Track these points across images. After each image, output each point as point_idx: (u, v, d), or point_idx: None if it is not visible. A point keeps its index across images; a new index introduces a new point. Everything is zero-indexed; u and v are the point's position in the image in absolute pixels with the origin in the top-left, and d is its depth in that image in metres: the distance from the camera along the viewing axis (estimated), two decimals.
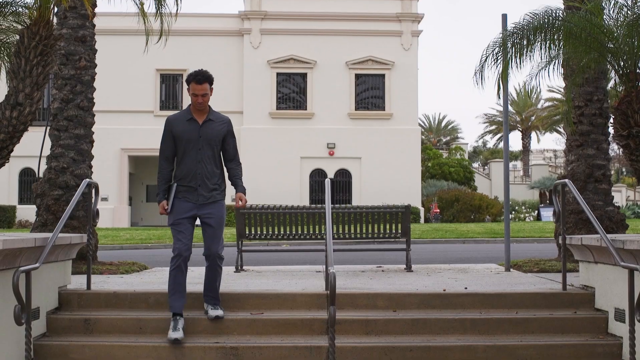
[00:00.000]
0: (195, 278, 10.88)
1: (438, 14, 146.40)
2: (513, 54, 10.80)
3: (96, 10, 13.22)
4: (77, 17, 13.07)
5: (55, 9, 11.83)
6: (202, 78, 7.76)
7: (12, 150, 9.96)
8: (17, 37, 10.42)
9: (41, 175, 12.92)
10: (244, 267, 12.87)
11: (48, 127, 13.10)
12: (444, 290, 8.88)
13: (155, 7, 12.40)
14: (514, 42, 10.81)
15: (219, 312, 7.97)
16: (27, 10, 10.19)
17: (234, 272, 12.22)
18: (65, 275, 8.72)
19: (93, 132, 13.17)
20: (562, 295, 8.58)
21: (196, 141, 7.87)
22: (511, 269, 12.31)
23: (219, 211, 7.97)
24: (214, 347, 7.53)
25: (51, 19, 10.02)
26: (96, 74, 13.36)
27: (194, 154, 7.86)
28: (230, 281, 10.51)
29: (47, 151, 13.13)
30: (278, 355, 7.51)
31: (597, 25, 10.32)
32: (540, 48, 10.79)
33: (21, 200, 40.42)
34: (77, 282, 9.34)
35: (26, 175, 40.27)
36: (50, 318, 8.04)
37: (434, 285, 9.63)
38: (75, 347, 7.61)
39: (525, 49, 10.74)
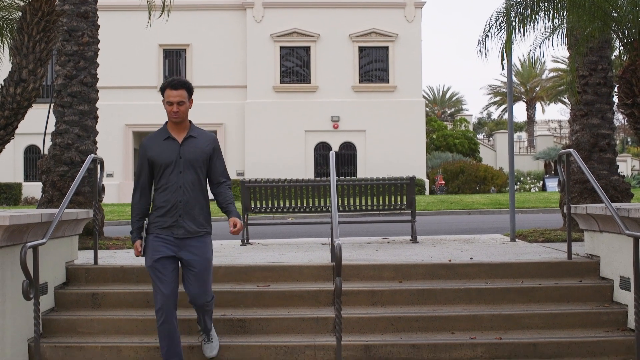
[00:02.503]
0: None
1: None
2: (516, 23, 10.76)
3: None
4: None
5: None
6: (177, 83, 6.51)
7: (16, 127, 10.00)
8: (20, 13, 10.41)
9: (46, 152, 12.95)
10: (250, 241, 12.91)
11: (52, 104, 13.12)
12: (450, 260, 8.91)
13: None
14: (518, 12, 10.77)
15: (214, 353, 7.12)
16: None
17: (240, 245, 12.25)
18: (72, 251, 8.76)
19: (97, 108, 13.18)
20: (567, 265, 8.60)
21: (176, 163, 6.53)
22: (516, 239, 12.33)
23: (205, 250, 6.57)
24: (221, 319, 7.57)
25: None
26: (99, 49, 13.35)
27: (174, 178, 6.51)
28: (237, 254, 10.54)
29: (51, 128, 13.15)
30: (285, 326, 7.56)
31: None
32: (544, 17, 10.76)
33: (27, 178, 40.49)
34: (84, 258, 9.38)
35: (31, 153, 40.31)
36: (58, 293, 8.09)
37: (439, 256, 9.65)
38: (84, 321, 7.66)
39: (529, 19, 10.70)
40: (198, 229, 6.55)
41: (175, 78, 6.66)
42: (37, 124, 24.52)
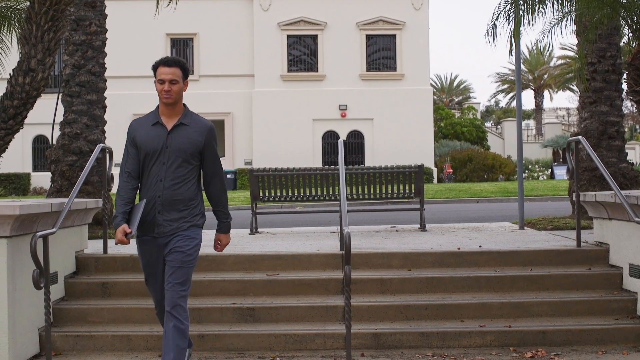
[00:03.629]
0: (211, 241, 10.96)
1: None
2: (525, 10, 10.74)
3: None
4: None
5: None
6: (171, 60, 5.82)
7: (25, 117, 10.04)
8: (28, 3, 10.42)
9: (55, 141, 12.98)
10: (259, 229, 12.93)
11: (60, 94, 13.13)
12: (459, 248, 8.91)
13: None
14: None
15: None
16: None
17: (249, 234, 12.28)
18: (82, 240, 8.78)
19: (105, 98, 13.18)
20: (576, 252, 8.59)
21: (161, 153, 5.80)
22: (525, 227, 12.32)
23: (187, 243, 5.77)
24: (230, 308, 7.59)
25: None
26: (107, 39, 13.34)
27: (156, 170, 5.80)
28: (245, 243, 10.56)
29: (60, 117, 13.17)
30: (294, 315, 7.57)
31: None
32: (553, 4, 10.72)
33: (35, 168, 40.59)
34: (94, 247, 9.41)
35: (40, 143, 40.39)
36: (68, 282, 8.12)
37: (448, 244, 9.66)
38: (94, 310, 7.69)
39: (538, 5, 10.67)
40: (178, 224, 5.78)
41: (169, 56, 6.16)
42: (46, 113, 24.60)
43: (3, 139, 10.08)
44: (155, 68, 5.83)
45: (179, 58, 5.92)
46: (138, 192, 5.97)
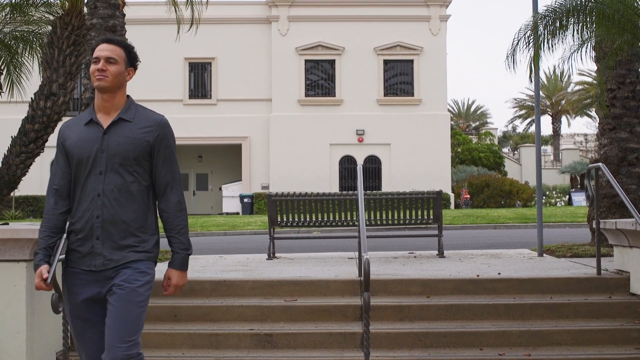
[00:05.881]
0: (229, 266, 10.96)
1: None
2: (545, 36, 10.74)
3: None
4: (107, 6, 13.14)
5: None
6: (115, 40, 4.63)
7: (46, 140, 10.08)
8: (49, 27, 10.52)
9: None
10: (276, 254, 12.91)
11: None
12: (477, 275, 8.86)
13: None
14: (546, 25, 10.74)
15: None
16: (58, 1, 10.28)
17: (267, 259, 12.25)
18: None
19: None
20: (596, 280, 8.53)
21: (95, 159, 4.46)
22: (544, 254, 12.24)
23: (137, 277, 4.40)
24: (248, 333, 7.57)
25: (82, 9, 10.12)
26: None
27: (92, 182, 4.45)
28: (263, 268, 10.54)
29: None
30: (312, 341, 7.53)
31: (630, 7, 10.24)
32: (573, 31, 10.72)
33: None
34: None
35: None
36: None
37: (467, 271, 9.60)
38: None
39: (558, 32, 10.67)
40: (126, 254, 4.44)
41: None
42: None
43: (24, 162, 10.14)
44: (93, 49, 4.59)
45: (127, 41, 4.79)
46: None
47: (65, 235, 4.51)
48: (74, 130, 4.56)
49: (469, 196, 40.76)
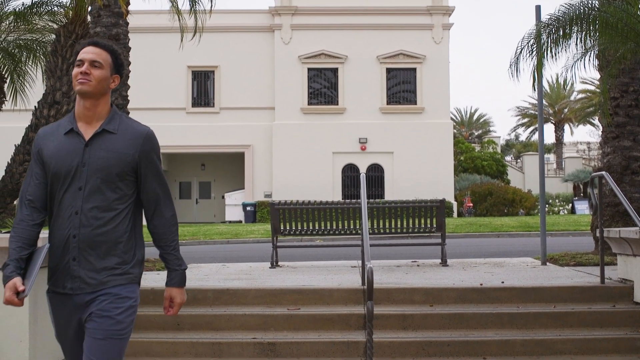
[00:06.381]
0: (232, 274, 10.95)
1: (467, 6, 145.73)
2: (548, 45, 10.74)
3: (129, 8, 13.31)
4: (110, 15, 13.14)
5: (89, 8, 11.94)
6: (101, 44, 4.22)
7: None
8: (53, 36, 10.53)
9: None
10: (279, 263, 12.90)
11: None
12: (481, 284, 8.85)
13: (190, 4, 12.47)
14: (549, 33, 10.74)
15: None
16: (62, 10, 10.30)
17: (269, 268, 12.24)
18: None
19: None
20: (600, 289, 8.51)
21: (75, 174, 4.05)
22: (547, 263, 12.22)
23: (117, 305, 4.02)
24: (251, 342, 7.55)
25: (86, 17, 10.14)
26: (130, 71, 13.44)
27: (69, 199, 4.04)
28: (266, 277, 10.53)
29: None
30: (315, 350, 7.52)
31: (633, 15, 10.24)
32: (576, 39, 10.72)
33: None
34: None
35: None
36: None
37: (470, 280, 9.59)
38: None
39: (562, 40, 10.67)
40: (104, 279, 4.03)
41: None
42: None
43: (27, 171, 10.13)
44: (78, 52, 4.18)
45: (113, 46, 4.35)
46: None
47: (48, 245, 4.12)
48: (53, 140, 4.16)
49: (471, 204, 40.72)
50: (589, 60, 11.61)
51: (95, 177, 4.03)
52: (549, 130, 69.85)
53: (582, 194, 48.75)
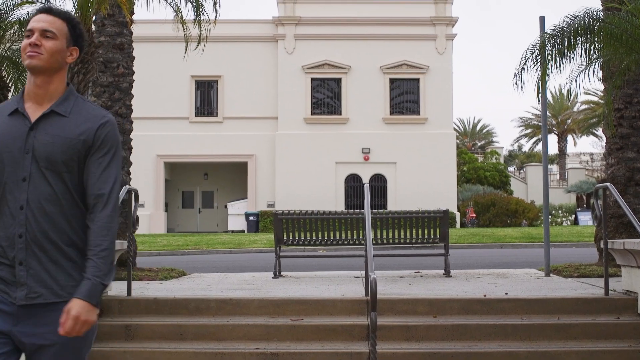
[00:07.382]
0: (235, 284, 10.93)
1: (470, 17, 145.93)
2: (553, 56, 10.74)
3: (133, 17, 13.33)
4: (115, 24, 13.18)
5: (94, 17, 11.96)
6: (56, 11, 3.59)
7: None
8: None
9: None
10: (282, 273, 12.86)
11: None
12: (485, 295, 8.81)
13: (194, 14, 12.49)
14: (554, 44, 10.74)
15: None
16: None
17: (272, 278, 12.21)
18: None
19: (131, 139, 13.26)
20: (604, 301, 8.48)
21: (18, 162, 3.43)
22: (551, 274, 12.18)
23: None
24: (254, 353, 7.53)
25: (90, 26, 10.14)
26: (134, 81, 13.46)
27: (14, 190, 3.42)
28: (269, 287, 10.50)
29: None
30: None
31: (638, 27, 10.23)
32: (581, 50, 10.71)
33: None
34: (117, 289, 9.38)
35: None
36: None
37: (474, 291, 9.56)
38: (117, 353, 7.65)
39: (566, 51, 10.67)
40: (60, 291, 3.40)
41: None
42: None
43: None
44: (28, 21, 3.66)
45: (72, 15, 3.72)
46: None
47: None
48: None
49: (474, 215, 40.69)
50: (593, 71, 11.59)
51: (43, 165, 3.41)
52: (552, 141, 69.91)
53: (585, 205, 48.73)
